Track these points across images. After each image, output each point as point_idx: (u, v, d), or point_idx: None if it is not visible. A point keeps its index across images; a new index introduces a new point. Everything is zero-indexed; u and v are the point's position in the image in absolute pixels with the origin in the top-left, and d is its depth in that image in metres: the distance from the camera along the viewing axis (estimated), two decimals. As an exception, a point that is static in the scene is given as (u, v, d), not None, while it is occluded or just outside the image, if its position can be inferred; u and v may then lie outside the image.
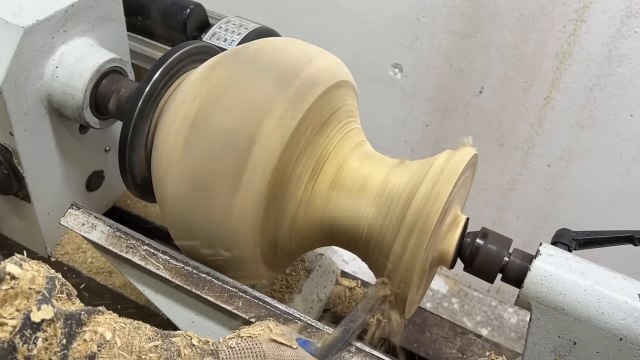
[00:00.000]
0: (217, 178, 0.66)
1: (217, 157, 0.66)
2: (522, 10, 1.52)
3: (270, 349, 0.56)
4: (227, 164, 0.66)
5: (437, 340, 0.93)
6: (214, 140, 0.66)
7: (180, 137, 0.68)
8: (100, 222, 0.74)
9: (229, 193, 0.66)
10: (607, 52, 1.49)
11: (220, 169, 0.66)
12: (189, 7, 0.96)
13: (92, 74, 0.83)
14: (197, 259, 0.73)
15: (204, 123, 0.67)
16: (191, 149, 0.68)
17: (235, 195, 0.66)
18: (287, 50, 0.71)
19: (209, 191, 0.67)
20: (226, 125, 0.66)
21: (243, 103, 0.66)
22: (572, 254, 0.70)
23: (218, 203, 0.67)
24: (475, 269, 0.71)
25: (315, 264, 0.95)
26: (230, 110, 0.67)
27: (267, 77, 0.68)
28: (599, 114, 1.58)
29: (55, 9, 0.81)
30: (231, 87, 0.68)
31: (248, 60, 0.70)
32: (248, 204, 0.66)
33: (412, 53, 1.71)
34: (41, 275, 0.49)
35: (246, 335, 0.56)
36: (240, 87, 0.68)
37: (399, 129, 1.86)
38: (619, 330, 0.64)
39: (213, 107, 0.67)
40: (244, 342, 0.55)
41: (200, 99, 0.68)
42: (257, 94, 0.67)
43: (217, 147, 0.66)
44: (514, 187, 1.82)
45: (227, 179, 0.66)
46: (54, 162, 0.91)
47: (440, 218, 0.65)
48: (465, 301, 2.08)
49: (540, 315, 0.67)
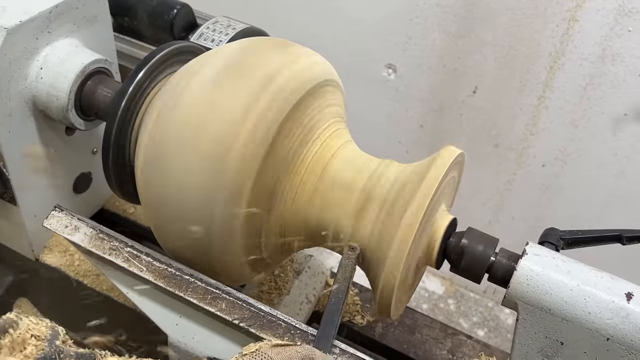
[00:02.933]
0: (193, 196, 0.66)
1: (193, 172, 0.66)
2: (515, 10, 1.52)
3: (277, 353, 0.55)
4: (204, 180, 0.65)
5: (427, 341, 0.93)
6: (189, 157, 0.66)
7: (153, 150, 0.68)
8: (84, 224, 0.73)
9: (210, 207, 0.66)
10: (601, 51, 1.49)
11: (196, 188, 0.66)
12: (175, 8, 0.96)
13: (77, 75, 0.82)
14: (183, 261, 0.72)
15: (179, 144, 0.67)
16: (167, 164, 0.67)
17: (214, 215, 0.66)
18: (265, 53, 0.70)
19: (188, 204, 0.67)
20: (201, 143, 0.66)
21: (216, 120, 0.66)
22: (559, 253, 0.69)
23: (200, 214, 0.67)
24: (461, 270, 0.70)
25: (304, 265, 0.95)
26: (203, 124, 0.66)
27: (241, 86, 0.67)
28: (593, 113, 1.57)
29: (39, 10, 0.81)
30: (204, 98, 0.67)
31: (224, 68, 0.69)
32: (226, 223, 0.67)
33: (406, 53, 1.70)
34: (44, 326, 0.50)
35: (249, 351, 0.55)
36: (212, 100, 0.67)
37: (394, 129, 1.85)
38: (605, 330, 0.63)
39: (184, 123, 0.67)
40: (251, 357, 0.55)
41: (169, 117, 0.68)
42: (229, 107, 0.66)
43: (194, 163, 0.66)
44: (509, 187, 1.81)
45: (205, 197, 0.66)
46: (40, 164, 0.90)
47: (425, 217, 0.65)
48: (461, 302, 2.08)
49: (527, 316, 0.67)
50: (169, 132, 0.67)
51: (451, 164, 0.67)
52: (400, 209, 0.65)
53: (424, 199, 0.64)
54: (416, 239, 0.65)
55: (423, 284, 2.11)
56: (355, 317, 0.95)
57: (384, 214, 0.67)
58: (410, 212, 0.64)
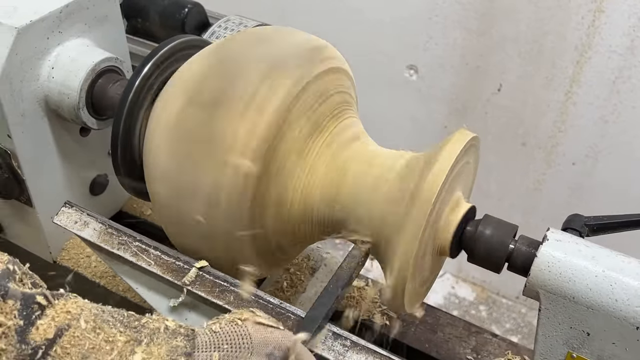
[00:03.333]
0: (199, 184, 0.65)
1: (198, 161, 0.65)
2: (537, 3, 1.48)
3: (256, 330, 0.53)
4: (207, 170, 0.65)
5: (450, 340, 0.89)
6: (195, 143, 0.65)
7: (164, 137, 0.68)
8: (93, 220, 0.73)
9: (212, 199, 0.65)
10: (629, 43, 1.44)
11: (202, 174, 0.65)
12: (187, 7, 0.96)
13: (87, 74, 0.82)
14: (192, 255, 0.71)
15: (185, 125, 0.66)
16: (175, 151, 0.67)
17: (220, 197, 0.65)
18: (273, 39, 0.69)
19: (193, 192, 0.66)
20: (205, 127, 0.65)
21: (225, 99, 0.65)
22: (582, 239, 0.65)
23: (202, 203, 0.66)
24: (478, 259, 0.67)
25: (320, 262, 0.92)
26: (212, 104, 0.65)
27: (251, 68, 0.66)
28: (624, 107, 1.52)
29: (50, 10, 0.81)
30: (212, 80, 0.67)
31: (231, 53, 0.68)
32: (234, 199, 0.65)
33: (427, 53, 1.68)
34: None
35: (230, 319, 0.53)
36: (221, 81, 0.66)
37: (417, 131, 1.82)
38: (635, 318, 0.59)
39: (196, 103, 0.66)
40: (228, 325, 0.53)
41: (182, 99, 0.67)
42: (239, 87, 0.65)
43: (198, 150, 0.65)
44: (538, 187, 1.76)
45: (209, 185, 0.65)
46: (55, 165, 0.90)
47: (437, 202, 0.62)
48: (493, 308, 2.02)
49: (550, 305, 0.63)
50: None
51: (464, 147, 0.64)
52: (411, 195, 0.63)
53: (435, 183, 0.61)
54: (428, 226, 0.62)
55: (453, 290, 2.07)
56: (375, 316, 0.92)
57: (395, 201, 0.65)
58: (421, 200, 0.61)
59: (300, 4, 1.77)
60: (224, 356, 0.49)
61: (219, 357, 0.49)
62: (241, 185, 0.65)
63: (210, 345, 0.50)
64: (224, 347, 0.50)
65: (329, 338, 0.62)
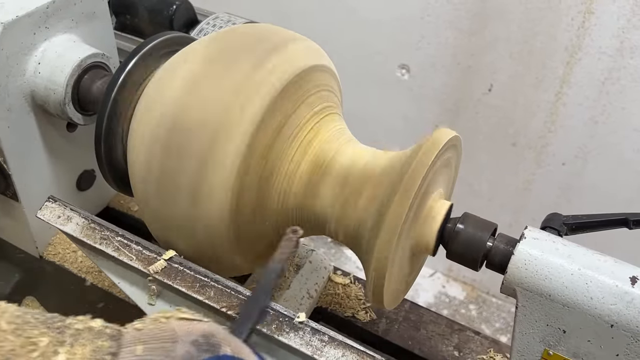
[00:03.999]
0: (182, 179, 0.66)
1: (182, 153, 0.65)
2: (528, 4, 1.49)
3: (180, 325, 0.53)
4: (191, 162, 0.65)
5: (433, 337, 0.90)
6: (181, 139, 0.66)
7: (149, 131, 0.68)
8: (76, 214, 0.73)
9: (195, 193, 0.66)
10: (619, 44, 1.44)
11: (185, 169, 0.65)
12: (175, 4, 0.96)
13: (73, 69, 0.83)
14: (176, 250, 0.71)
15: (171, 121, 0.66)
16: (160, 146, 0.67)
17: (201, 190, 0.65)
18: (254, 36, 0.69)
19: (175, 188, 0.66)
20: (192, 122, 0.65)
21: (208, 100, 0.65)
22: (560, 237, 0.66)
23: (184, 199, 0.66)
24: (457, 256, 0.68)
25: (305, 259, 0.93)
26: (197, 106, 0.66)
27: (229, 70, 0.66)
28: (613, 108, 1.53)
29: (36, 5, 0.81)
30: (198, 81, 0.67)
31: (212, 54, 0.68)
32: (216, 195, 0.65)
33: (419, 53, 1.68)
34: None
35: (154, 317, 0.53)
36: (201, 84, 0.66)
37: (409, 130, 1.83)
38: (609, 316, 0.60)
39: (179, 103, 0.66)
40: (151, 323, 0.53)
41: (165, 97, 0.67)
42: (216, 92, 0.65)
43: (182, 142, 0.65)
44: (528, 187, 1.76)
45: (192, 181, 0.65)
46: (41, 160, 0.91)
47: (415, 201, 0.63)
48: (483, 308, 2.03)
49: (527, 303, 0.64)
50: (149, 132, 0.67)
51: (443, 146, 0.65)
52: (389, 193, 0.63)
53: (413, 182, 0.62)
54: (406, 224, 0.63)
55: (444, 289, 2.07)
56: (359, 313, 0.92)
57: (373, 199, 0.65)
58: (399, 196, 0.62)
59: (292, 3, 1.77)
60: (148, 348, 0.49)
61: (143, 350, 0.49)
62: (225, 177, 0.65)
63: (135, 340, 0.50)
64: (148, 339, 0.50)
65: (307, 333, 0.62)
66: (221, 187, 0.65)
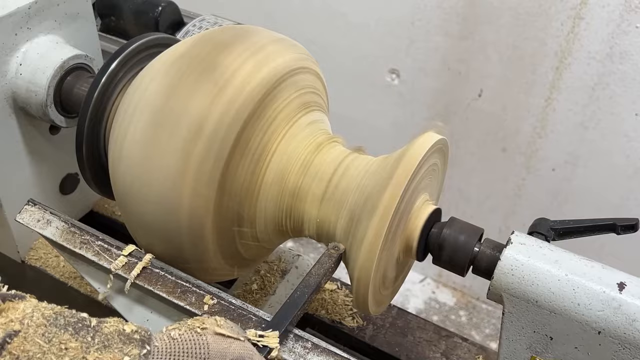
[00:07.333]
0: (163, 169, 0.64)
1: (164, 145, 0.64)
2: (518, 9, 1.49)
3: (215, 341, 0.52)
4: (173, 153, 0.63)
5: (420, 343, 0.88)
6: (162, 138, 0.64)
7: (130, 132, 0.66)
8: (56, 218, 0.72)
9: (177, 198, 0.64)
10: (608, 49, 1.44)
11: (167, 158, 0.64)
12: (160, 5, 0.95)
13: (56, 70, 0.81)
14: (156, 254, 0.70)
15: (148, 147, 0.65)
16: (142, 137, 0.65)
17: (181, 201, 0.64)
18: (229, 46, 0.67)
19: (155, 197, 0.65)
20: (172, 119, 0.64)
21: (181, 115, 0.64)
22: (547, 242, 0.65)
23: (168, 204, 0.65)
24: (443, 261, 0.67)
25: (292, 265, 0.92)
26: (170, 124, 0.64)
27: (199, 87, 0.64)
28: (603, 114, 1.52)
29: (17, 6, 0.80)
30: (169, 97, 0.65)
31: (185, 66, 0.66)
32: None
33: (409, 57, 1.67)
34: None
35: (191, 326, 0.52)
36: (173, 99, 0.64)
37: (399, 135, 1.82)
38: (596, 322, 0.59)
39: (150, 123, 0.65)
40: (188, 333, 0.52)
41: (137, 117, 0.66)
42: (193, 105, 0.63)
43: (165, 134, 0.64)
44: (518, 193, 1.76)
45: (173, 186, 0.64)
46: (23, 163, 0.89)
47: (400, 207, 0.61)
48: (473, 314, 2.02)
49: (513, 309, 0.63)
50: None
51: (428, 150, 0.64)
52: (373, 199, 0.62)
53: (397, 187, 0.61)
54: (390, 230, 0.62)
55: (434, 295, 2.06)
56: (346, 319, 0.91)
57: (357, 205, 0.64)
58: (383, 202, 0.61)
59: (283, 7, 1.76)
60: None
61: None
62: (208, 170, 0.63)
63: (166, 353, 0.50)
64: (179, 356, 0.49)
65: (290, 340, 0.61)
66: (205, 180, 0.64)
